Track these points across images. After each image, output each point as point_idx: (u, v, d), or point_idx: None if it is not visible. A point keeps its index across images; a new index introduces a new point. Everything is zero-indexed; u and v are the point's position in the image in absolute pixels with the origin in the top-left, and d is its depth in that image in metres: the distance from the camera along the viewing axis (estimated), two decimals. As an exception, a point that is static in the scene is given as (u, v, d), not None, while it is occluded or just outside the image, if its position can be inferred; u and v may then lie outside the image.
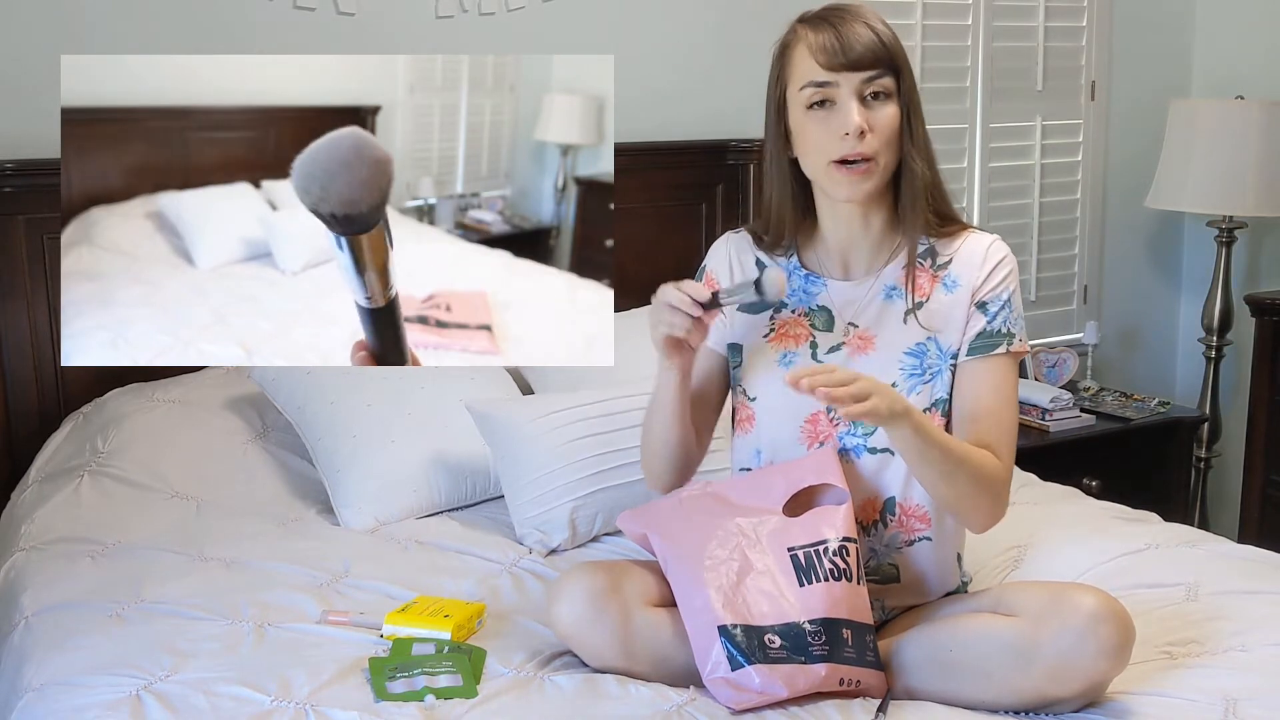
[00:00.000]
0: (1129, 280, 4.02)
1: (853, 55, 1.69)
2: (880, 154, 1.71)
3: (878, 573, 1.81)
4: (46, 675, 1.72)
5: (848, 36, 1.69)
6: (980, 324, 1.77)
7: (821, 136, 1.72)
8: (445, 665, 1.70)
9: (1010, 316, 1.77)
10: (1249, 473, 3.56)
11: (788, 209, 1.82)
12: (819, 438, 1.79)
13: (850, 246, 1.82)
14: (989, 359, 1.76)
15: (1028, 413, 3.29)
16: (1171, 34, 3.96)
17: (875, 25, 1.72)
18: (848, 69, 1.69)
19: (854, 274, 1.83)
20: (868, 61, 1.69)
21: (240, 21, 2.71)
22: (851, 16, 1.72)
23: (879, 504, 1.80)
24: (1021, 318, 1.79)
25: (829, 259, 1.84)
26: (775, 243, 1.86)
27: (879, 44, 1.70)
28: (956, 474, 1.69)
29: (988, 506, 1.74)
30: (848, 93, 1.70)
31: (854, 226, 1.80)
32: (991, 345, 1.76)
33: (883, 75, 1.70)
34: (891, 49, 1.71)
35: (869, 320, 1.80)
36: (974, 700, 1.64)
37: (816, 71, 1.70)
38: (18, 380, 2.55)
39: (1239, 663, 1.73)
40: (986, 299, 1.77)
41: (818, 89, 1.71)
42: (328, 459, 2.37)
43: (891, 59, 1.71)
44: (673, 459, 1.85)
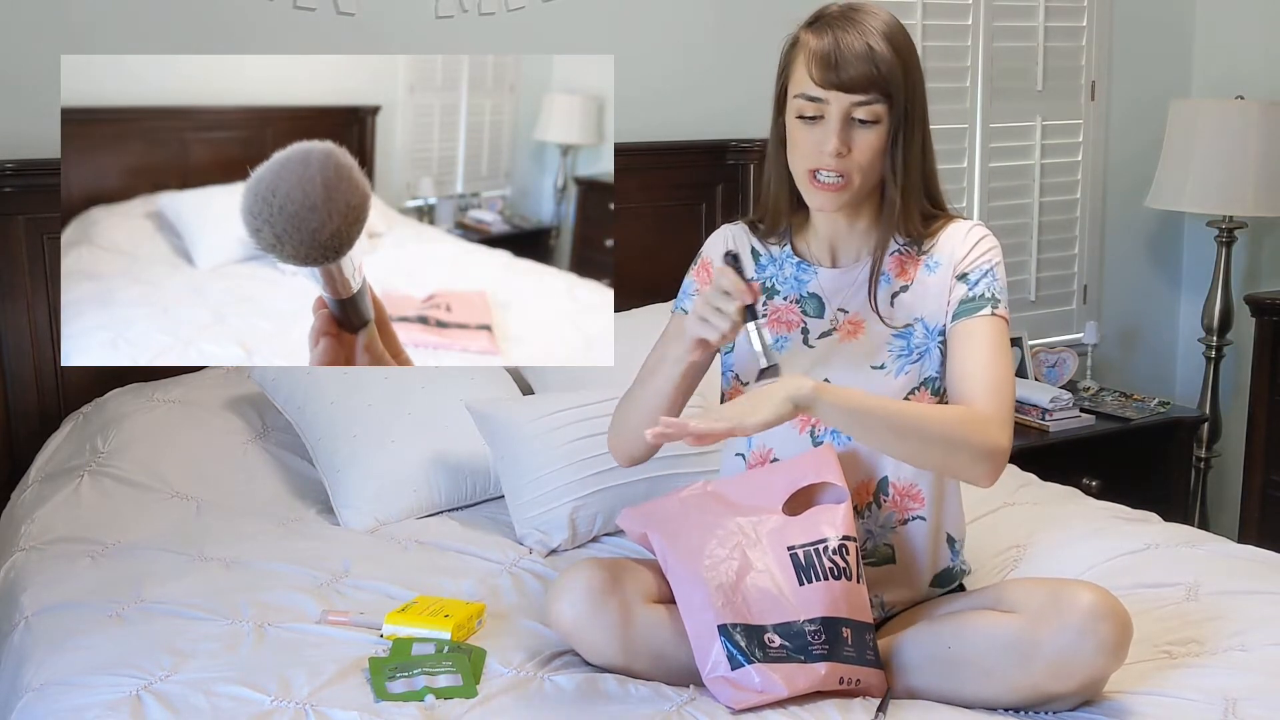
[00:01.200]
0: (1129, 280, 4.02)
1: (845, 76, 1.68)
2: (855, 175, 1.72)
3: (874, 554, 1.82)
4: (46, 675, 1.72)
5: (845, 53, 1.68)
6: (962, 291, 1.78)
7: (805, 145, 1.73)
8: (445, 665, 1.70)
9: (993, 284, 1.78)
10: (1249, 473, 3.56)
11: (783, 199, 1.84)
12: (811, 421, 1.81)
13: (837, 238, 1.85)
14: (974, 319, 1.77)
15: (1028, 413, 3.29)
16: (1171, 34, 3.96)
17: (876, 45, 1.69)
18: (839, 89, 1.69)
19: (842, 262, 1.86)
20: (860, 86, 1.69)
21: (240, 21, 2.71)
22: (857, 28, 1.70)
23: (872, 485, 1.81)
24: (1005, 290, 1.80)
25: (819, 247, 1.87)
26: (771, 229, 1.88)
27: (874, 70, 1.68)
28: (910, 432, 1.67)
29: (968, 458, 1.68)
30: (836, 111, 1.70)
31: (839, 222, 1.83)
32: (975, 308, 1.77)
33: (874, 102, 1.70)
34: (887, 74, 1.69)
35: (858, 305, 1.82)
36: (974, 698, 1.64)
37: (809, 85, 1.71)
38: (18, 380, 2.55)
39: (1239, 662, 1.73)
40: (967, 270, 1.79)
41: (808, 103, 1.71)
42: (328, 459, 2.37)
43: (886, 83, 1.69)
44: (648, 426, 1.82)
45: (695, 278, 1.93)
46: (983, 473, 1.71)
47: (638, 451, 1.90)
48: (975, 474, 1.72)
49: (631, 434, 1.86)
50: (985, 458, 1.69)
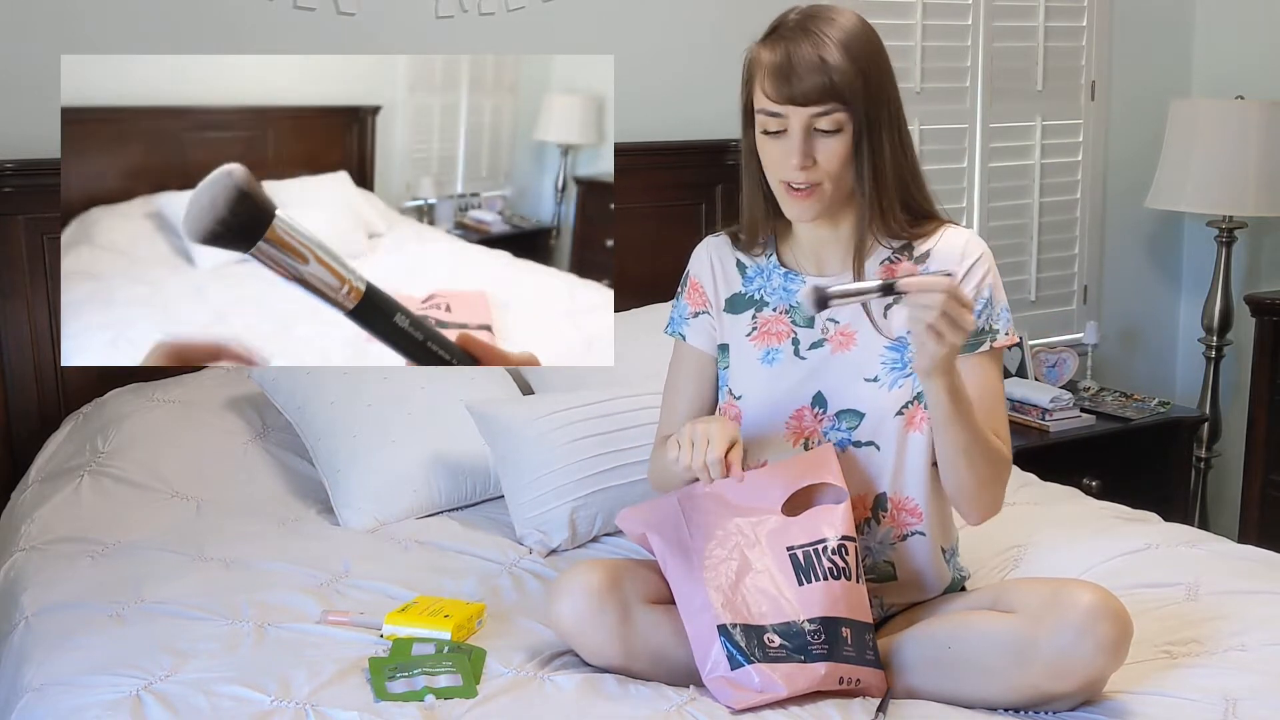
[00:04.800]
0: (1129, 280, 4.02)
1: (799, 90, 1.66)
2: (825, 181, 1.71)
3: (874, 571, 1.82)
4: (46, 675, 1.72)
5: (797, 67, 1.66)
6: None
7: (773, 157, 1.72)
8: (445, 665, 1.70)
9: (992, 313, 1.78)
10: (1249, 473, 3.56)
11: (759, 209, 1.82)
12: (804, 434, 1.80)
13: (821, 245, 1.82)
14: (973, 357, 1.77)
15: (1028, 413, 3.29)
16: (1171, 34, 3.96)
17: (829, 56, 1.66)
18: (794, 103, 1.67)
19: (829, 270, 1.83)
20: (814, 98, 1.66)
21: (240, 21, 2.71)
22: (810, 39, 1.67)
23: (869, 500, 1.80)
24: (1005, 309, 1.80)
25: (804, 256, 1.84)
26: (752, 242, 1.87)
27: (826, 81, 1.65)
28: (974, 450, 1.70)
29: (995, 495, 1.77)
30: (796, 125, 1.68)
31: (820, 229, 1.80)
32: (975, 345, 1.77)
33: (832, 111, 1.67)
34: (841, 80, 1.66)
35: (849, 315, 1.80)
36: (973, 698, 1.64)
37: (765, 102, 1.69)
38: (18, 380, 2.55)
39: (1239, 662, 1.73)
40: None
41: (769, 118, 1.70)
42: (328, 459, 2.37)
43: (840, 92, 1.66)
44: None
45: (688, 300, 1.91)
46: (986, 514, 1.80)
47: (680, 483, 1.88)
48: (982, 512, 1.79)
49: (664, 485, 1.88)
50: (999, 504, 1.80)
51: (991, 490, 1.76)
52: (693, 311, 1.90)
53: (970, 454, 1.71)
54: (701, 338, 1.89)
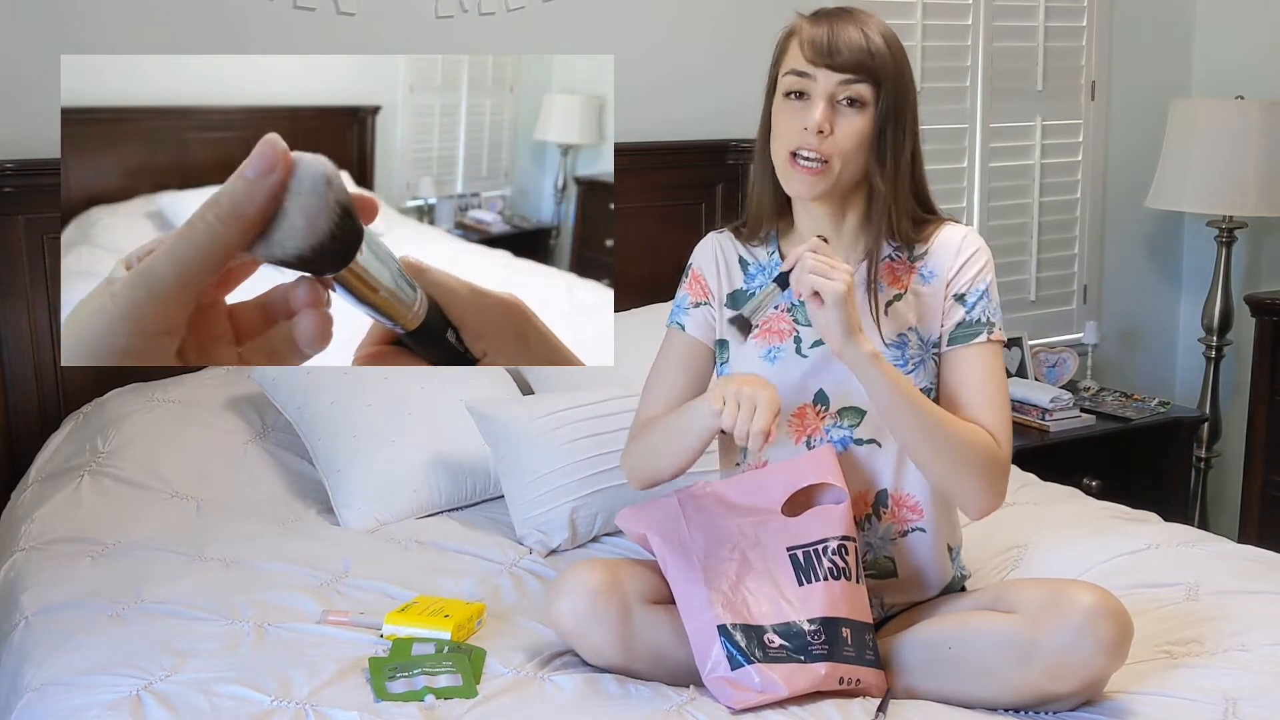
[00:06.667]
0: (1129, 280, 4.02)
1: (836, 54, 1.69)
2: (836, 159, 1.71)
3: (875, 567, 1.82)
4: (46, 675, 1.72)
5: (838, 36, 1.70)
6: (959, 314, 1.78)
7: (788, 125, 1.73)
8: (445, 665, 1.70)
9: (989, 306, 1.79)
10: (1249, 473, 3.56)
11: (767, 199, 1.83)
12: (806, 431, 1.80)
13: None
14: (971, 347, 1.78)
15: (1028, 413, 3.29)
16: (1171, 34, 3.96)
17: (870, 33, 1.71)
18: (827, 66, 1.70)
19: None
20: (849, 65, 1.69)
21: (240, 21, 2.71)
22: (851, 20, 1.73)
23: (870, 497, 1.81)
24: (999, 308, 1.81)
25: None
26: (754, 233, 1.87)
27: (865, 51, 1.70)
28: (939, 436, 1.69)
29: (984, 486, 1.73)
30: (821, 89, 1.70)
31: (824, 224, 1.80)
32: (972, 334, 1.78)
33: (860, 81, 1.70)
34: (878, 60, 1.70)
35: None
36: (973, 698, 1.65)
37: (799, 62, 1.72)
38: (18, 380, 2.55)
39: (1239, 662, 1.73)
40: (964, 290, 1.79)
41: (796, 78, 1.72)
42: (328, 459, 2.37)
43: (875, 70, 1.70)
44: (672, 475, 1.86)
45: (689, 291, 1.91)
46: (983, 506, 1.75)
47: (660, 480, 1.88)
48: (977, 504, 1.75)
49: (653, 471, 1.87)
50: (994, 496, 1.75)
51: (974, 480, 1.72)
52: (693, 302, 1.90)
53: (933, 439, 1.69)
54: (700, 328, 1.90)
